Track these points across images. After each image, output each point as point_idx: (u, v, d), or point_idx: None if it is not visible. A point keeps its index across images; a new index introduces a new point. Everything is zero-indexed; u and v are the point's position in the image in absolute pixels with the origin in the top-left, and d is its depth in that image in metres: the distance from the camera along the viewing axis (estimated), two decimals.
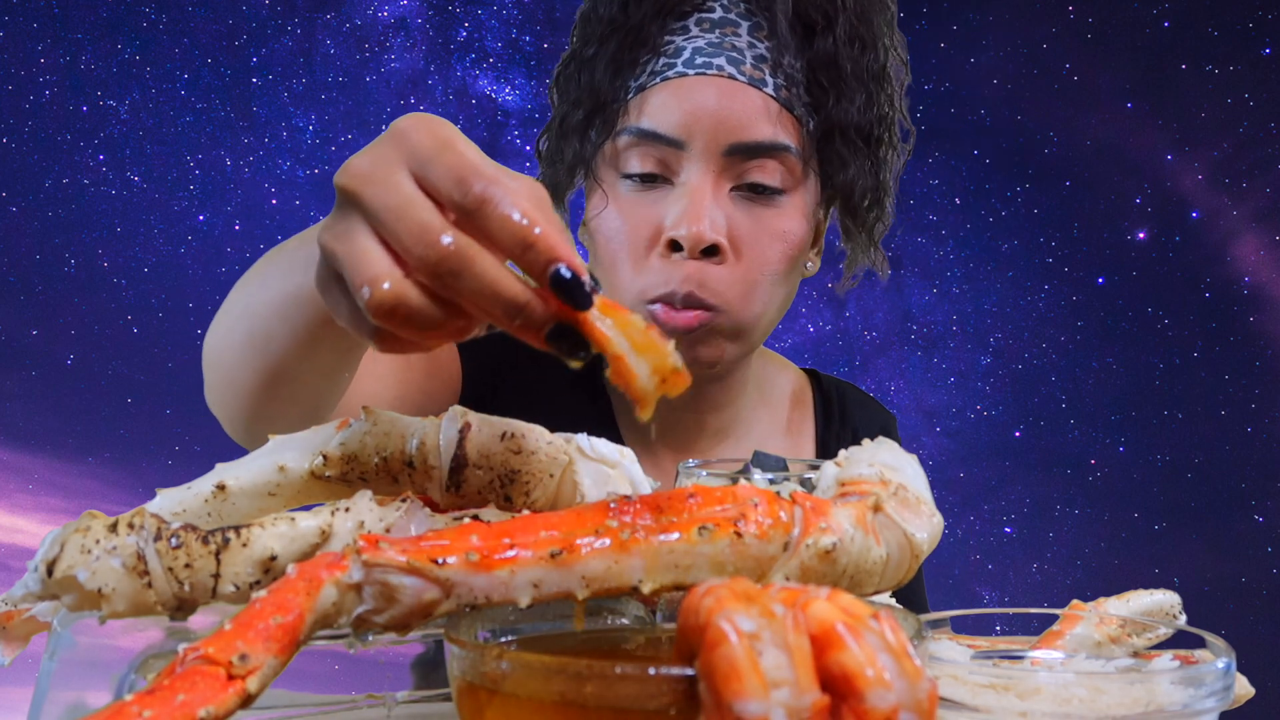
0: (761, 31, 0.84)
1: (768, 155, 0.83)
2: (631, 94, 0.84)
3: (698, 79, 0.82)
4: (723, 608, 0.28)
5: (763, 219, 0.84)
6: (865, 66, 0.87)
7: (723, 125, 0.81)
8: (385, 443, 0.45)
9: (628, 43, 0.84)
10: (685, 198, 0.81)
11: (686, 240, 0.80)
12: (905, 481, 0.45)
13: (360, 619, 0.36)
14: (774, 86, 0.83)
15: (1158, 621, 0.53)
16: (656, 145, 0.83)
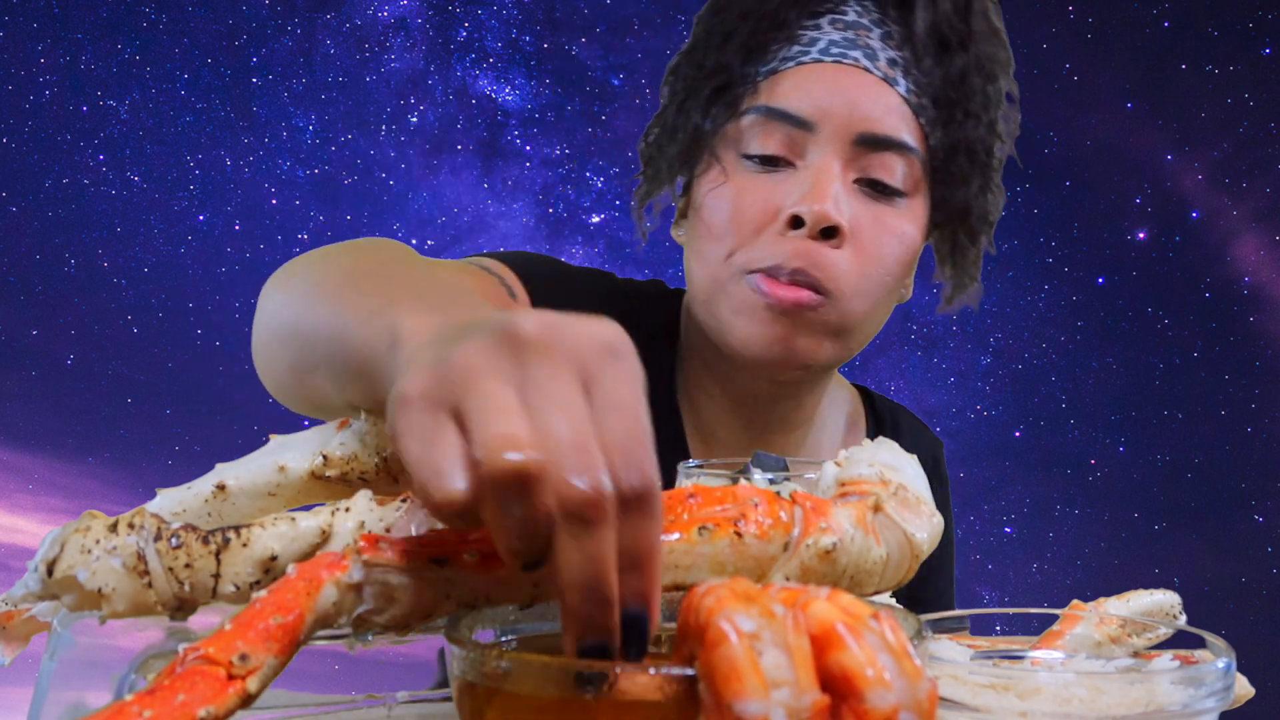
0: (892, 40, 0.84)
1: (894, 151, 0.82)
2: (761, 77, 0.84)
3: (833, 66, 0.82)
4: (723, 608, 0.28)
5: (882, 216, 0.83)
6: (989, 94, 0.86)
7: (855, 112, 0.81)
8: (385, 443, 0.45)
9: (763, 27, 0.84)
10: (810, 177, 0.80)
11: (809, 216, 0.79)
12: (905, 481, 0.45)
13: (360, 619, 0.36)
14: (905, 89, 0.83)
15: (1158, 621, 0.53)
16: (784, 126, 0.82)
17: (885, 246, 0.83)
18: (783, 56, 0.84)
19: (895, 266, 0.84)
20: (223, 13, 3.42)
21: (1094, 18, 3.41)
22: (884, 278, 0.84)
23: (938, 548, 1.16)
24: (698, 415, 0.94)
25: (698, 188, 0.86)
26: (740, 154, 0.84)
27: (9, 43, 3.22)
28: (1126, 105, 3.49)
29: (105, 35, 3.32)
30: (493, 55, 3.67)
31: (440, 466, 0.33)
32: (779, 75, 0.83)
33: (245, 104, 3.45)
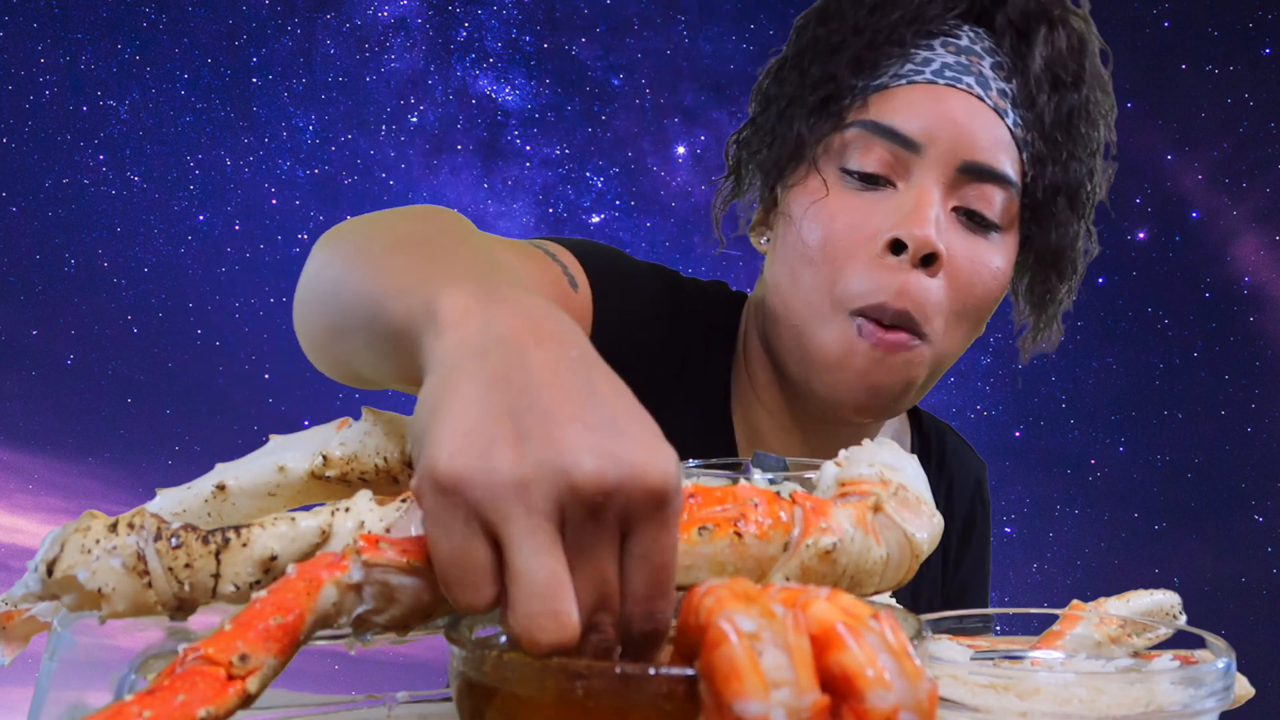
0: (1002, 71, 0.83)
1: (996, 184, 0.80)
2: (870, 91, 0.82)
3: (946, 89, 0.80)
4: (723, 608, 0.28)
5: (976, 248, 0.81)
6: (1093, 137, 0.85)
7: (963, 139, 0.79)
8: (386, 443, 0.45)
9: (877, 40, 0.82)
10: (912, 201, 0.78)
11: (911, 241, 0.77)
12: (905, 481, 0.45)
13: (360, 619, 0.36)
14: (1013, 121, 0.82)
15: (1158, 621, 0.53)
16: (890, 144, 0.80)
17: (978, 279, 0.81)
18: (894, 73, 0.82)
19: (986, 301, 0.83)
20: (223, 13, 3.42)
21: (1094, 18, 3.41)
22: (974, 313, 0.83)
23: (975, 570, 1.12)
24: (752, 429, 0.92)
25: (793, 199, 0.84)
26: (841, 168, 0.82)
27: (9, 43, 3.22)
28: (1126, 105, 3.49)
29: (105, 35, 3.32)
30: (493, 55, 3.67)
31: (468, 579, 0.34)
32: (888, 91, 0.81)
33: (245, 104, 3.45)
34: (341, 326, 0.55)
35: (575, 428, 0.34)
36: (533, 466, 0.33)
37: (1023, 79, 0.82)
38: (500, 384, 0.35)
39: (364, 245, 0.56)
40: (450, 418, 0.35)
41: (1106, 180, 0.89)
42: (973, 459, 1.08)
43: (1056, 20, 0.83)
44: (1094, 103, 0.85)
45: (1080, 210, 0.86)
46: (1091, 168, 0.85)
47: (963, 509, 1.03)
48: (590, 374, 0.37)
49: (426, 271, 0.46)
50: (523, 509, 0.33)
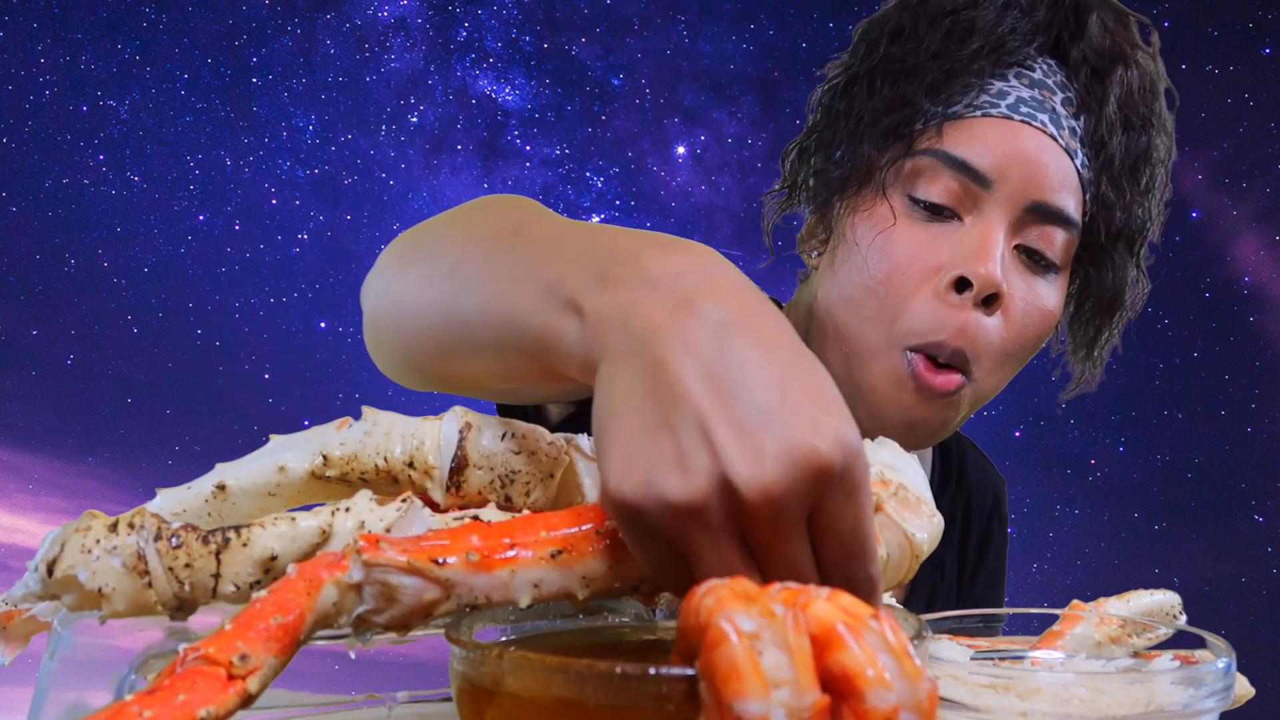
0: (1071, 107, 0.82)
1: (1060, 225, 0.80)
2: (944, 119, 0.81)
3: (1021, 125, 0.79)
4: (723, 608, 0.28)
5: (1034, 288, 0.81)
6: (1154, 180, 0.84)
7: (1035, 179, 0.78)
8: (386, 443, 0.45)
9: (954, 69, 0.81)
10: (979, 238, 0.78)
11: (977, 280, 0.76)
12: (905, 481, 0.45)
13: (360, 619, 0.36)
14: (1081, 161, 0.81)
15: (1158, 621, 0.53)
16: (961, 176, 0.79)
17: (1031, 321, 0.81)
18: (968, 102, 0.81)
19: (1035, 342, 0.83)
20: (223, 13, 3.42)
21: None
22: (1021, 354, 0.82)
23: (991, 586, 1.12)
24: None
25: (858, 224, 0.83)
26: (908, 195, 0.81)
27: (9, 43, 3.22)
28: None
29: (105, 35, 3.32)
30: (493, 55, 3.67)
31: (678, 585, 0.35)
32: (963, 122, 0.80)
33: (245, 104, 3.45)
34: (459, 345, 0.52)
35: (726, 432, 0.34)
36: (698, 489, 0.34)
37: (1094, 118, 0.81)
38: (651, 392, 0.36)
39: (463, 256, 0.53)
40: (613, 438, 0.36)
41: (1160, 223, 0.88)
42: (992, 474, 1.08)
43: (1131, 60, 0.82)
44: (1158, 144, 0.84)
45: (1136, 252, 0.85)
46: (1151, 211, 0.85)
47: (980, 523, 1.04)
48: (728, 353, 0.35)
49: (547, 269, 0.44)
50: (700, 528, 0.34)
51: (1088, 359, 0.92)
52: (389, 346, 0.60)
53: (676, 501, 0.34)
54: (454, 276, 0.52)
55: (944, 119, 0.81)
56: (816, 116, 0.89)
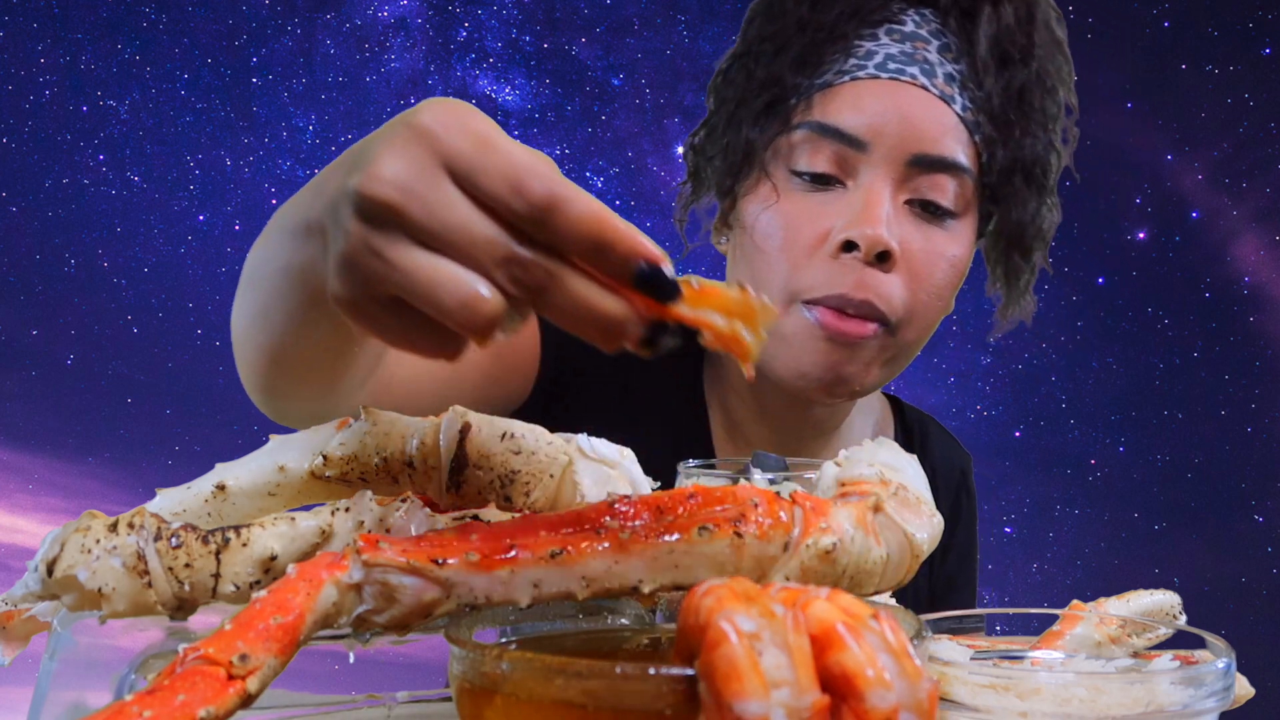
0: (950, 53, 0.82)
1: (948, 173, 0.80)
2: (815, 90, 0.82)
3: (890, 83, 0.80)
4: (723, 608, 0.28)
5: (932, 238, 0.81)
6: (1048, 108, 0.85)
7: (910, 133, 0.79)
8: (385, 443, 0.45)
9: (819, 39, 0.82)
10: (862, 200, 0.79)
11: (863, 241, 0.77)
12: (905, 481, 0.45)
13: (360, 619, 0.36)
14: (961, 105, 0.81)
15: (1158, 622, 0.53)
16: (837, 144, 0.80)
17: (936, 270, 0.81)
18: (837, 70, 0.81)
19: (945, 289, 0.83)
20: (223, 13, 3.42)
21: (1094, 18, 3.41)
22: (935, 301, 0.83)
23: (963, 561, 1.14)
24: (728, 415, 0.93)
25: (747, 204, 0.84)
26: (790, 170, 0.82)
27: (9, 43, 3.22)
28: (1126, 105, 3.49)
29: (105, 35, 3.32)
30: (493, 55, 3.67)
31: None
32: (832, 90, 0.81)
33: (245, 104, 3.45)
34: (263, 307, 0.57)
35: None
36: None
37: (970, 59, 0.82)
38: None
39: (260, 237, 0.60)
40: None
41: (1070, 147, 0.89)
42: (957, 450, 1.09)
43: None
44: (1049, 72, 0.84)
45: (1039, 184, 0.86)
46: (1050, 139, 0.85)
47: (947, 498, 1.04)
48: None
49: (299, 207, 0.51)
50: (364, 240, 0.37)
51: (1012, 293, 0.92)
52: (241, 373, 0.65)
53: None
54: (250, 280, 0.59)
55: (815, 90, 0.82)
56: (711, 104, 0.90)
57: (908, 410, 1.07)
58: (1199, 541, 3.55)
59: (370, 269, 0.37)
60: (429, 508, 0.43)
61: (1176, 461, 3.55)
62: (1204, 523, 3.54)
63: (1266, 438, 3.47)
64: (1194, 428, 3.54)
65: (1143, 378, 3.52)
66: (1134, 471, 3.60)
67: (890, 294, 0.79)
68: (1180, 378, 3.52)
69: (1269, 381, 3.46)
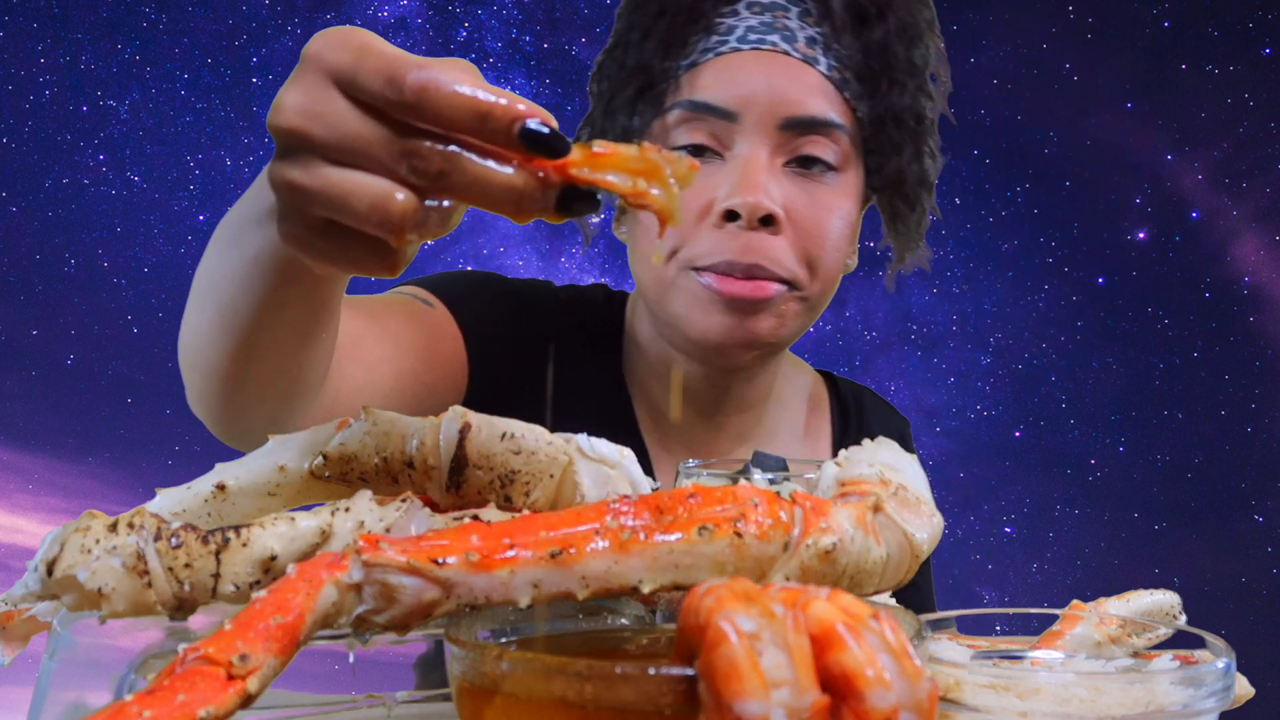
0: (810, 18, 0.85)
1: (821, 131, 0.83)
2: (682, 71, 0.85)
3: (751, 54, 0.83)
4: (723, 608, 0.28)
5: (815, 194, 0.84)
6: (914, 59, 0.87)
7: (777, 99, 0.82)
8: (385, 443, 0.45)
9: (679, 21, 0.84)
10: (738, 169, 0.81)
11: (744, 209, 0.80)
12: (905, 481, 0.45)
13: (360, 619, 0.36)
14: (826, 66, 0.84)
15: (1158, 622, 0.53)
16: (708, 118, 0.82)
17: (823, 225, 0.84)
18: (702, 48, 0.84)
19: (838, 242, 0.86)
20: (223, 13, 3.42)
21: (1094, 18, 3.41)
22: (832, 254, 0.86)
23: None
24: (650, 401, 0.96)
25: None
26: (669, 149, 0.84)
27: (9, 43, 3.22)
28: (1126, 105, 3.49)
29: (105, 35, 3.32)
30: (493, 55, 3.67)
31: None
32: (699, 68, 0.84)
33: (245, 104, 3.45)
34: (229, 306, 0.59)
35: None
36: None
37: (830, 22, 0.85)
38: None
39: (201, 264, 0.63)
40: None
41: (943, 91, 0.92)
42: (894, 416, 1.11)
43: None
44: (908, 23, 0.87)
45: (912, 132, 0.88)
46: (918, 85, 0.88)
47: None
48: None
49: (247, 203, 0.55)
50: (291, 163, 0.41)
51: (902, 240, 0.95)
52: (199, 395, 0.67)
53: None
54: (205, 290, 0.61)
55: (683, 71, 0.85)
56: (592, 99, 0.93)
57: (841, 383, 1.10)
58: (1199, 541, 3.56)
59: (296, 198, 0.40)
60: (429, 508, 0.43)
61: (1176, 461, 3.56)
62: (1204, 523, 3.55)
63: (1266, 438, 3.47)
64: (1194, 428, 3.54)
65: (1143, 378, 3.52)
66: (1134, 471, 3.60)
67: (779, 256, 0.82)
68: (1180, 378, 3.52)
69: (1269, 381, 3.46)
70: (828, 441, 1.05)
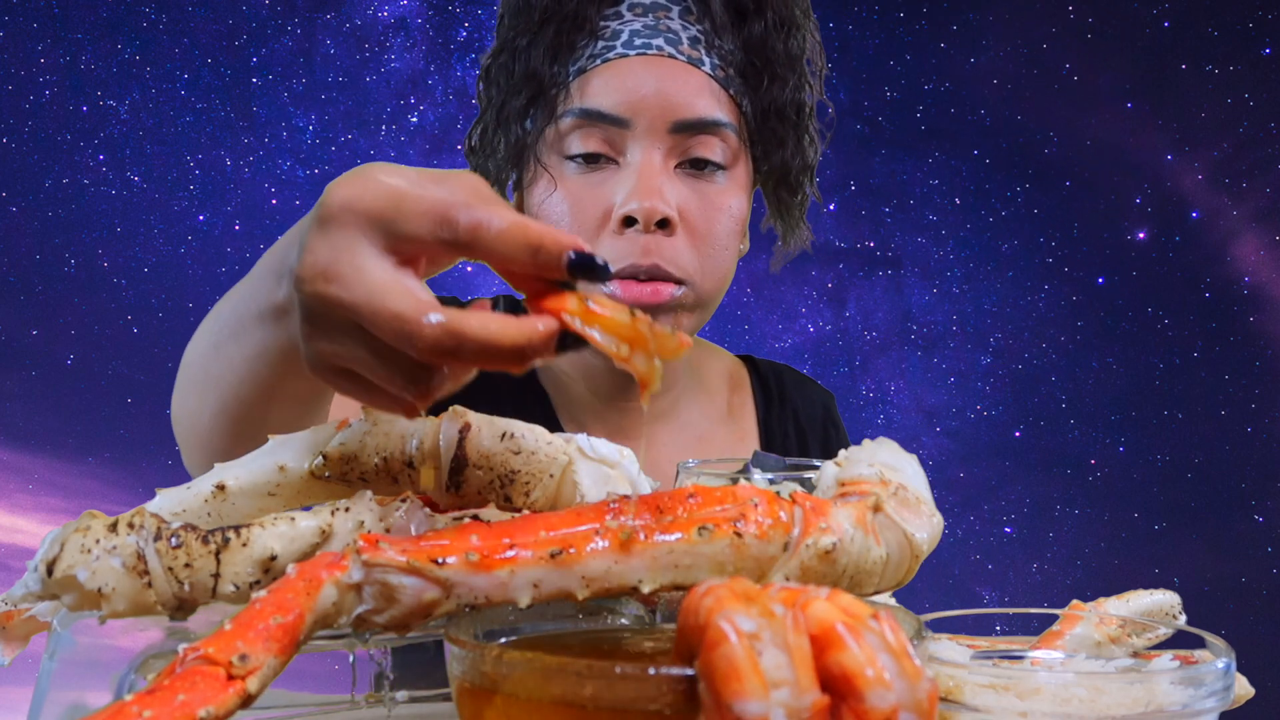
0: (691, 15, 0.87)
1: (710, 132, 0.85)
2: (571, 78, 0.86)
3: (638, 59, 0.84)
4: (723, 608, 0.28)
5: (707, 194, 0.86)
6: (792, 50, 0.90)
7: (666, 103, 0.83)
8: (385, 443, 0.45)
9: (565, 28, 0.86)
10: (634, 175, 0.83)
11: (641, 214, 0.82)
12: (905, 481, 0.45)
13: (360, 619, 0.36)
14: (711, 66, 0.86)
15: (1158, 621, 0.53)
16: (601, 125, 0.84)
17: (716, 223, 0.86)
18: (590, 54, 0.86)
19: (729, 239, 0.88)
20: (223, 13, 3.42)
21: (1094, 18, 3.41)
22: (721, 252, 0.88)
23: None
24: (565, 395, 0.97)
25: (530, 196, 0.89)
26: (563, 156, 0.86)
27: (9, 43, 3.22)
28: (1126, 105, 3.49)
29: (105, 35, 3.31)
30: None
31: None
32: (588, 74, 0.85)
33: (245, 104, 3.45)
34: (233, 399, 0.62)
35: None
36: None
37: (710, 20, 0.87)
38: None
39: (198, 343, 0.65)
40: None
41: (819, 77, 0.94)
42: (817, 389, 1.13)
43: None
44: (784, 16, 0.89)
45: (794, 124, 0.91)
46: (799, 77, 0.90)
47: (816, 434, 1.09)
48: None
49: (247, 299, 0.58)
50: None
51: (788, 226, 0.98)
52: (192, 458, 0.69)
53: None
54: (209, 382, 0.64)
55: (572, 77, 0.86)
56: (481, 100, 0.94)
57: (761, 364, 1.12)
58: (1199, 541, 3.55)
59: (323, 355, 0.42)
60: (429, 508, 0.43)
61: (1176, 461, 3.55)
62: (1204, 523, 3.54)
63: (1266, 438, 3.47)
64: (1194, 428, 3.54)
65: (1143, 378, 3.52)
66: (1134, 471, 3.60)
67: (676, 256, 0.84)
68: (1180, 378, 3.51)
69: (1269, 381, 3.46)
70: (752, 420, 1.07)
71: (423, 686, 0.50)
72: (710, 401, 1.04)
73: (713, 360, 1.08)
